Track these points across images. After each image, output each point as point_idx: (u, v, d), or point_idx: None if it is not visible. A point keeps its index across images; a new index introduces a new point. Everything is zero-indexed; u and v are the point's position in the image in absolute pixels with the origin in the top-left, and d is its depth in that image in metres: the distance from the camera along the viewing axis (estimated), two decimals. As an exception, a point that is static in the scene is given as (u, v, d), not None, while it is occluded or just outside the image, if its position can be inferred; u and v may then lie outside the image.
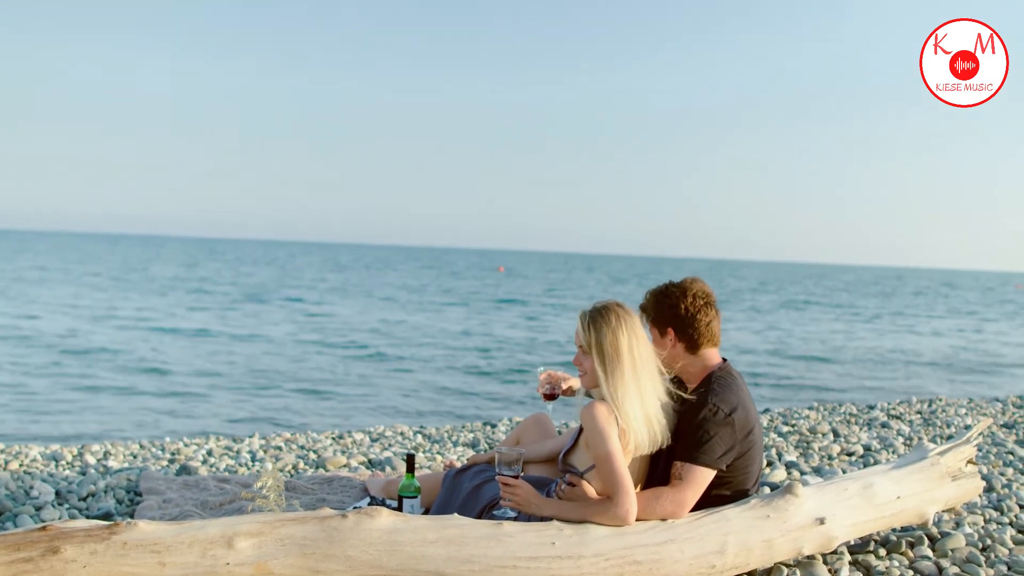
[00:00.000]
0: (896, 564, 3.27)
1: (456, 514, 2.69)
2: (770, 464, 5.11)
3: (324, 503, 3.96)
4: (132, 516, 3.85)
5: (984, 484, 3.97)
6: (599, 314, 2.84)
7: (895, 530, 3.57)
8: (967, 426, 6.95)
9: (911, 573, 3.21)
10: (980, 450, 5.66)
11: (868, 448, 5.81)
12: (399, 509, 3.25)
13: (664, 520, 2.79)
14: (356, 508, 2.58)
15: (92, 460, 5.19)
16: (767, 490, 4.00)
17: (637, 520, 2.73)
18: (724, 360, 3.11)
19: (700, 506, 2.90)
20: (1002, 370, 16.10)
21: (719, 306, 3.13)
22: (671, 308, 3.04)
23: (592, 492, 2.81)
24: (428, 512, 3.45)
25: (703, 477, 2.86)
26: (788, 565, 3.10)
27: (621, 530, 2.69)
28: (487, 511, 3.10)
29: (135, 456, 5.45)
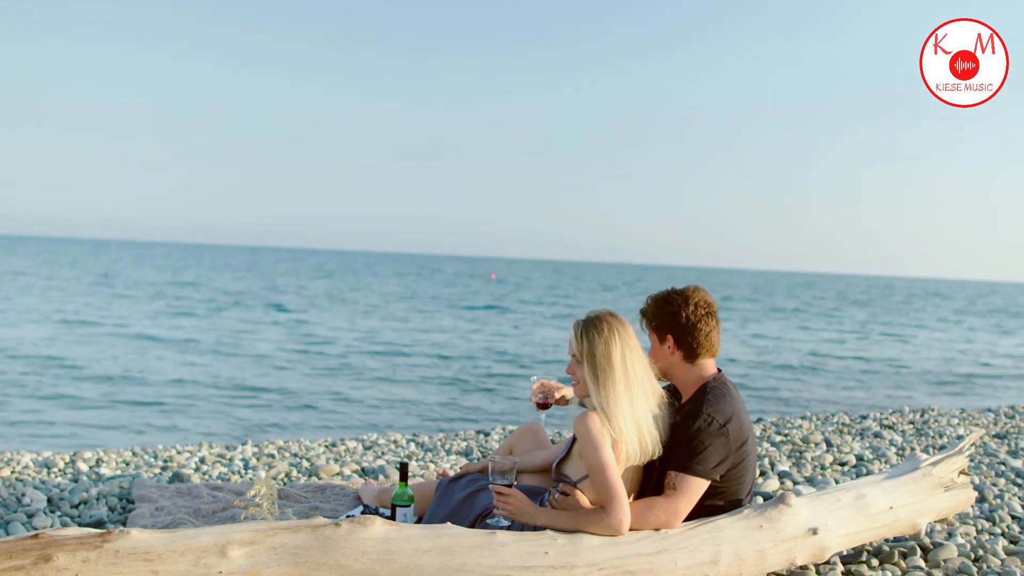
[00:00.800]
0: (889, 574, 3.28)
1: (449, 523, 2.69)
2: (763, 474, 5.11)
3: (317, 511, 3.96)
4: (124, 524, 3.83)
5: (976, 495, 3.99)
6: (592, 324, 2.84)
7: (888, 540, 3.58)
8: (959, 436, 6.98)
9: (903, 584, 3.22)
10: (972, 461, 5.68)
11: (861, 458, 5.82)
12: (392, 518, 3.25)
13: (657, 530, 2.79)
14: (349, 517, 2.58)
15: (84, 467, 5.17)
16: (760, 500, 4.01)
17: (630, 530, 2.73)
18: (719, 370, 3.11)
19: (693, 516, 2.90)
20: (989, 381, 16.15)
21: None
22: (672, 315, 3.02)
23: (586, 502, 2.81)
24: (421, 521, 3.44)
25: (697, 487, 2.86)
26: (781, 575, 3.11)
27: (614, 540, 2.69)
28: (480, 520, 3.09)
29: (127, 463, 5.43)
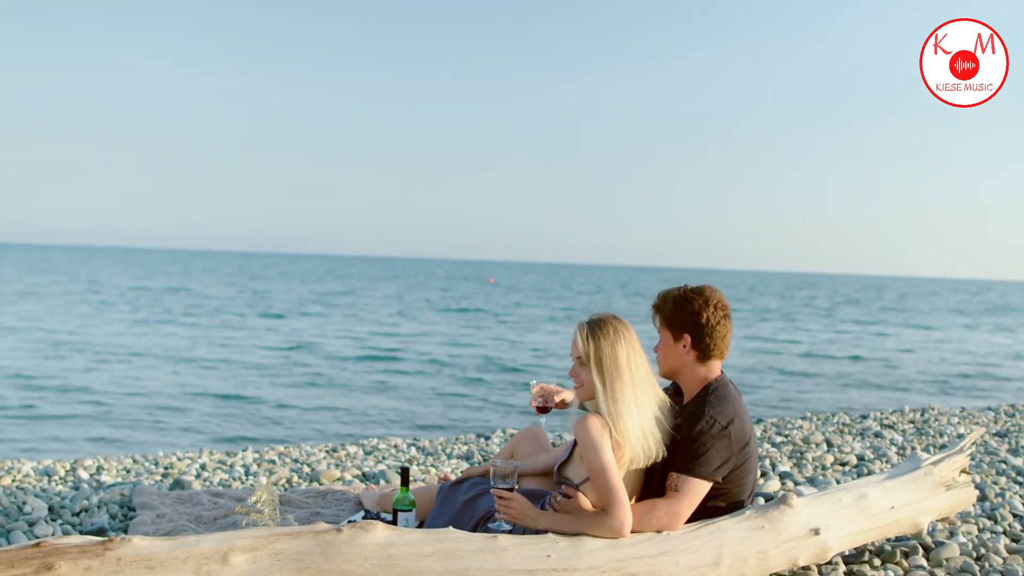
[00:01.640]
0: (891, 574, 3.28)
1: (451, 527, 2.69)
2: (764, 474, 5.11)
3: (319, 517, 3.95)
4: (126, 531, 3.83)
5: (977, 493, 3.98)
6: (598, 326, 2.84)
7: (889, 540, 3.58)
8: (960, 435, 6.98)
9: (906, 583, 3.22)
10: (973, 459, 5.69)
11: (861, 458, 5.82)
12: (394, 523, 3.25)
13: (659, 532, 2.79)
14: (351, 522, 2.58)
15: (85, 475, 5.16)
16: (761, 501, 4.01)
17: (632, 532, 2.73)
18: (722, 372, 3.11)
19: (695, 517, 2.90)
20: (987, 380, 16.15)
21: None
22: (693, 315, 2.99)
23: (587, 504, 2.81)
24: (423, 525, 3.44)
25: (699, 489, 2.86)
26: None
27: (616, 542, 2.69)
28: (482, 524, 3.09)
29: (128, 471, 5.42)
